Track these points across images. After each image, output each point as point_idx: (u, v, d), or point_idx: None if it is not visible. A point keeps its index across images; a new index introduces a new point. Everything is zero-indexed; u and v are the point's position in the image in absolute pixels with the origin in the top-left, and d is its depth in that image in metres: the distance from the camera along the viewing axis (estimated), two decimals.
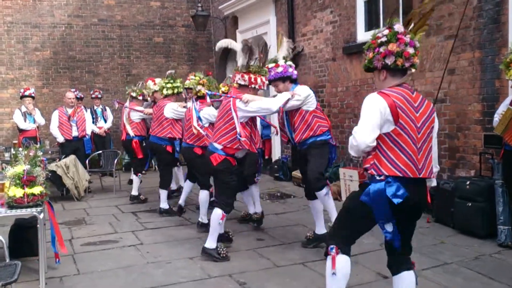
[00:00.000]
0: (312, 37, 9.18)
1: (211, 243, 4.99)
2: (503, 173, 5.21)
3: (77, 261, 5.10)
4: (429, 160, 3.05)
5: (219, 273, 4.63)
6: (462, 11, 5.91)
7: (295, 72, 5.18)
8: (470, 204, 5.45)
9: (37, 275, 4.31)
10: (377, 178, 2.96)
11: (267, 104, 4.87)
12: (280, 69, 5.05)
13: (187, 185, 6.98)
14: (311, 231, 5.41)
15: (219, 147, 4.91)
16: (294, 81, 5.18)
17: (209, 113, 6.00)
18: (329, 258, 3.15)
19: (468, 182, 5.57)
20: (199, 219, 6.20)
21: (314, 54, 9.14)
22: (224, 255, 4.97)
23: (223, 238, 5.38)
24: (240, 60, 5.02)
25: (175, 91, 7.04)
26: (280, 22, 10.19)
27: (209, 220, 6.15)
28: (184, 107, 6.67)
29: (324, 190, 5.02)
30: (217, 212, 4.94)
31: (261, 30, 10.81)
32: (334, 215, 4.98)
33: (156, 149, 7.29)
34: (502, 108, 5.11)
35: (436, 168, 3.24)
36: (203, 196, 6.20)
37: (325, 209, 5.19)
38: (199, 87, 6.18)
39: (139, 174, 8.08)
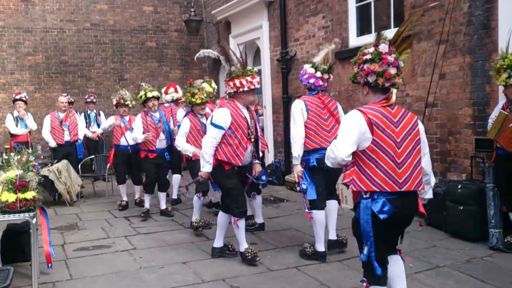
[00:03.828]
0: (304, 42, 9.23)
1: (217, 242, 5.27)
2: (495, 177, 5.25)
3: (69, 266, 5.08)
4: (417, 173, 3.10)
5: (212, 278, 4.63)
6: (452, 16, 5.98)
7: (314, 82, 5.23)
8: (461, 208, 5.49)
9: (30, 281, 4.29)
10: (364, 196, 3.04)
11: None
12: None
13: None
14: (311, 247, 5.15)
15: None
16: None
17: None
18: None
19: (459, 186, 5.61)
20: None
21: (306, 59, 9.16)
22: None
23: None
24: (226, 69, 5.12)
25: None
26: (272, 27, 10.24)
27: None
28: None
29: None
30: (221, 214, 5.15)
31: (254, 35, 10.85)
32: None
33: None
34: (495, 113, 5.15)
35: (433, 180, 3.34)
36: (196, 201, 6.39)
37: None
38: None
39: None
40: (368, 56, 3.08)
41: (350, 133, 3.00)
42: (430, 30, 6.44)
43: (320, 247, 5.03)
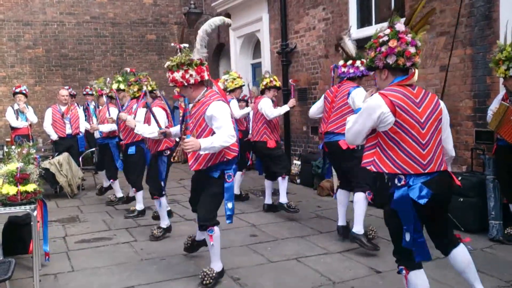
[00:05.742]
0: (304, 34, 9.21)
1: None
2: (495, 168, 5.25)
3: (71, 258, 5.10)
4: (439, 154, 3.04)
5: None
6: (453, 8, 5.96)
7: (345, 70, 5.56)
8: (462, 200, 5.50)
9: (31, 273, 4.31)
10: (398, 184, 2.96)
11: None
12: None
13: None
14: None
15: None
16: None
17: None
18: (403, 279, 3.15)
19: (459, 178, 5.59)
20: None
21: (306, 51, 9.17)
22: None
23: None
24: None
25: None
26: (273, 19, 10.21)
27: None
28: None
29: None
30: None
31: (254, 28, 10.82)
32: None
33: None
34: (495, 104, 5.14)
35: (453, 153, 3.35)
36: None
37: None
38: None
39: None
40: (385, 38, 2.99)
41: (362, 124, 2.99)
42: (430, 22, 6.40)
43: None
